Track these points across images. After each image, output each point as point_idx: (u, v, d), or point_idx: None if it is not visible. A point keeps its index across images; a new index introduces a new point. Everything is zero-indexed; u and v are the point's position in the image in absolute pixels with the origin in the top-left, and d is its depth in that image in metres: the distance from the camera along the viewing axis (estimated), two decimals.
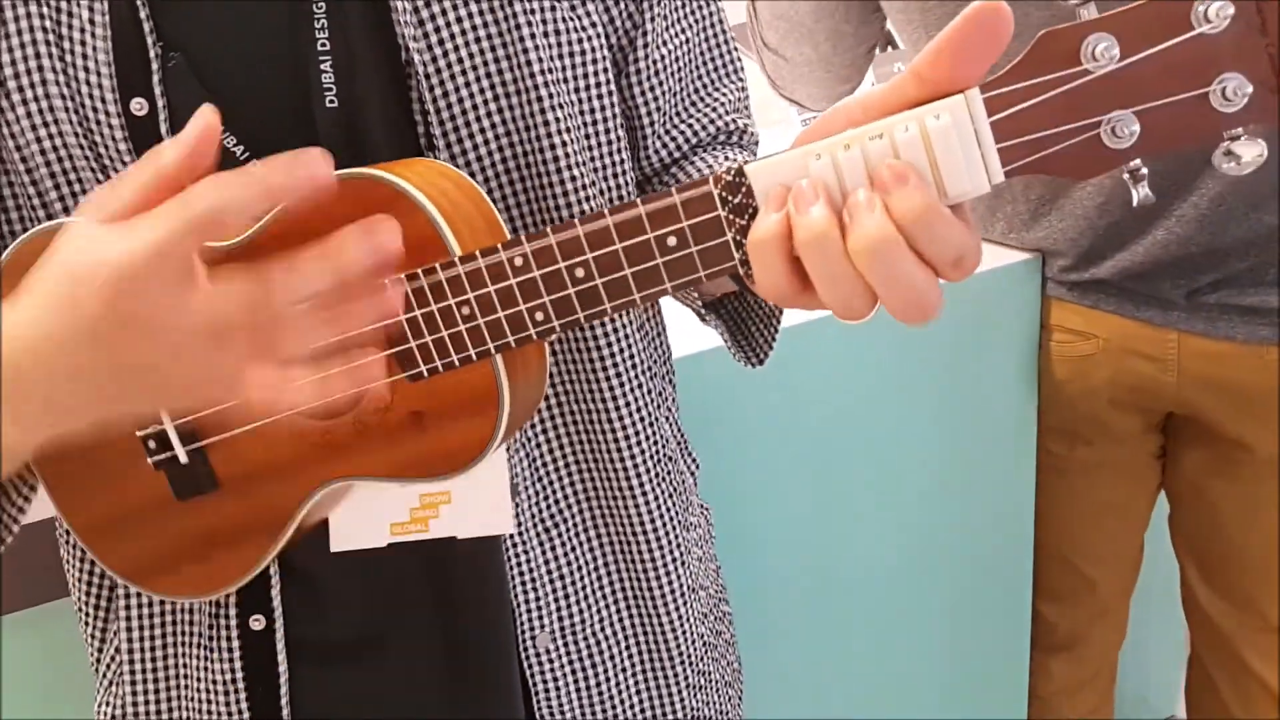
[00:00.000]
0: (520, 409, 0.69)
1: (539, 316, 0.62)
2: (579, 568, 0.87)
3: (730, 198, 0.56)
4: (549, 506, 0.85)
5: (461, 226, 0.65)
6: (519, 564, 0.84)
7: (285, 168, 0.53)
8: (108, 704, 0.87)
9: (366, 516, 0.80)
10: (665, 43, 0.83)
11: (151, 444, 0.71)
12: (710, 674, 0.95)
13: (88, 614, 0.86)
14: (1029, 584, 1.74)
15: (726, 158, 0.86)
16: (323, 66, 0.73)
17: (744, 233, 0.57)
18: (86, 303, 0.54)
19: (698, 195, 0.57)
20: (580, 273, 0.60)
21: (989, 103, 0.51)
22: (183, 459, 0.71)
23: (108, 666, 0.87)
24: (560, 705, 0.87)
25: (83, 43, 0.72)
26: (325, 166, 0.54)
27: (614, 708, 0.89)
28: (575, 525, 0.86)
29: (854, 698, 1.68)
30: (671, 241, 0.58)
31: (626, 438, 0.84)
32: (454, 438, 0.68)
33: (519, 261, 0.61)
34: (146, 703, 0.85)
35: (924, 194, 0.52)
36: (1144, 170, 0.52)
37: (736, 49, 0.90)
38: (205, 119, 0.56)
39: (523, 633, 0.85)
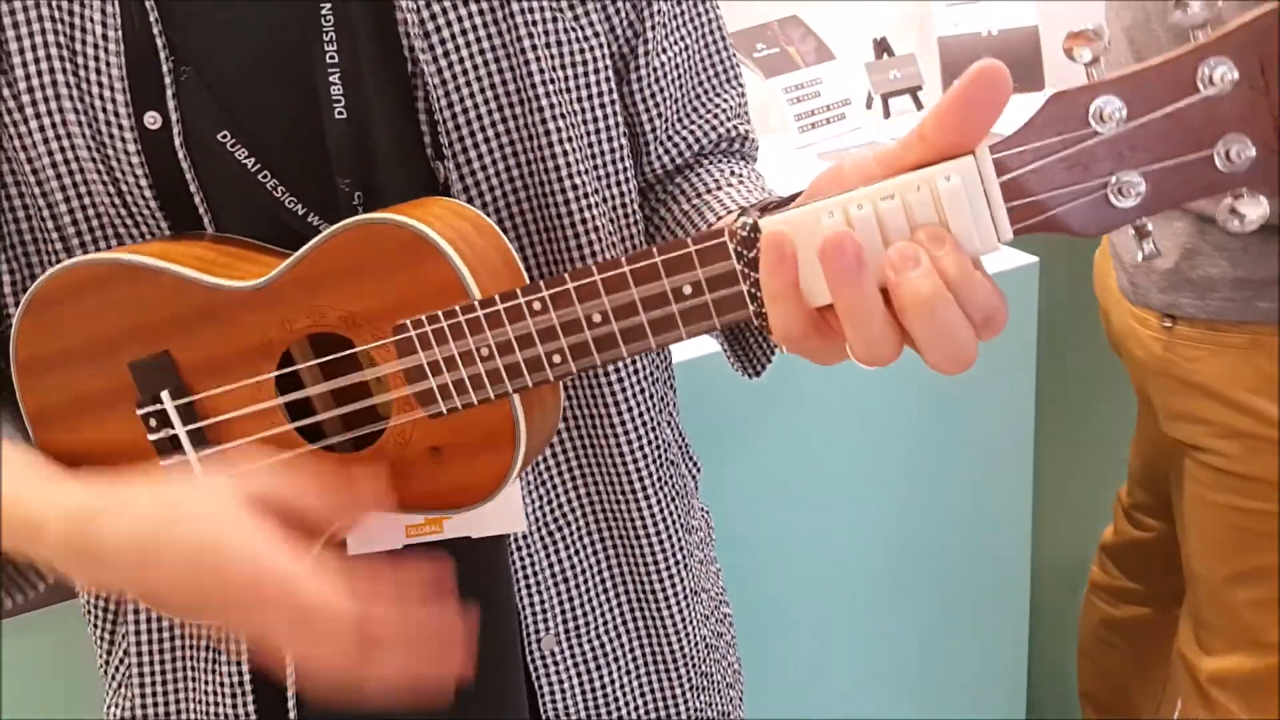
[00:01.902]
0: (536, 444, 0.71)
1: (556, 359, 0.64)
2: (582, 571, 0.88)
3: (745, 252, 0.57)
4: (553, 510, 0.86)
5: (480, 269, 0.66)
6: (524, 567, 0.85)
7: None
8: (117, 705, 0.88)
9: (383, 520, 0.80)
10: (666, 49, 0.84)
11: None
12: (712, 675, 0.96)
13: (96, 616, 0.87)
14: (1027, 586, 1.76)
15: (733, 171, 0.87)
16: (331, 78, 0.74)
17: (759, 285, 0.58)
18: (204, 583, 0.63)
19: (713, 245, 0.58)
20: (597, 318, 0.62)
21: (998, 163, 0.52)
22: None
23: (116, 668, 0.88)
24: (565, 707, 0.88)
25: (96, 58, 0.72)
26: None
27: (618, 709, 0.91)
28: (579, 529, 0.87)
29: (854, 698, 1.69)
30: (687, 290, 0.59)
31: (629, 442, 0.85)
32: (471, 473, 0.69)
33: (537, 305, 0.62)
34: (155, 704, 0.86)
35: (961, 255, 0.53)
36: (1149, 227, 0.54)
37: (735, 55, 0.91)
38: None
39: (528, 635, 0.86)
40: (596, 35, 0.80)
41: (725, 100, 0.89)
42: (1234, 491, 1.47)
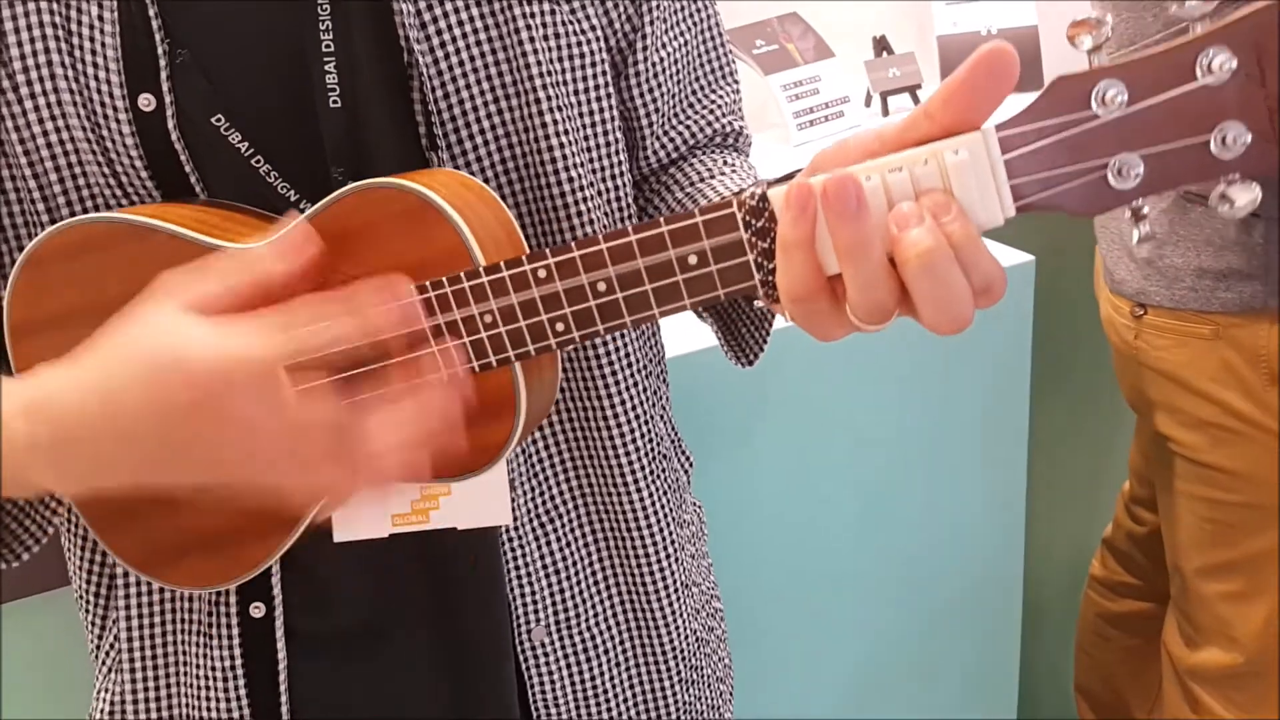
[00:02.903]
0: (535, 413, 0.71)
1: (559, 327, 0.64)
2: (574, 563, 0.88)
3: (754, 221, 0.59)
4: (544, 502, 0.86)
5: (485, 237, 0.67)
6: (515, 558, 0.85)
7: (376, 296, 0.61)
8: (106, 690, 0.88)
9: (368, 507, 0.81)
10: (664, 45, 0.84)
11: None
12: (703, 669, 0.96)
13: (88, 601, 0.87)
14: (1021, 582, 1.77)
15: (725, 161, 0.88)
16: (326, 67, 0.74)
17: (765, 255, 0.59)
18: (169, 388, 0.58)
19: (720, 216, 0.59)
20: (602, 286, 0.63)
21: (1003, 141, 0.54)
22: None
23: (106, 654, 0.87)
24: (555, 698, 0.88)
25: (91, 39, 0.72)
26: (409, 292, 0.61)
27: (608, 701, 0.91)
28: (570, 521, 0.88)
29: (846, 693, 1.69)
30: (693, 260, 0.60)
31: (622, 435, 0.85)
32: (470, 440, 0.69)
33: (542, 273, 0.63)
34: (145, 689, 0.86)
35: (966, 221, 0.55)
36: (1145, 209, 0.55)
37: (731, 53, 0.92)
38: (306, 237, 0.61)
39: (518, 626, 0.86)
40: (594, 29, 0.80)
41: (721, 97, 0.90)
42: (1203, 482, 1.50)
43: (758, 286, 0.60)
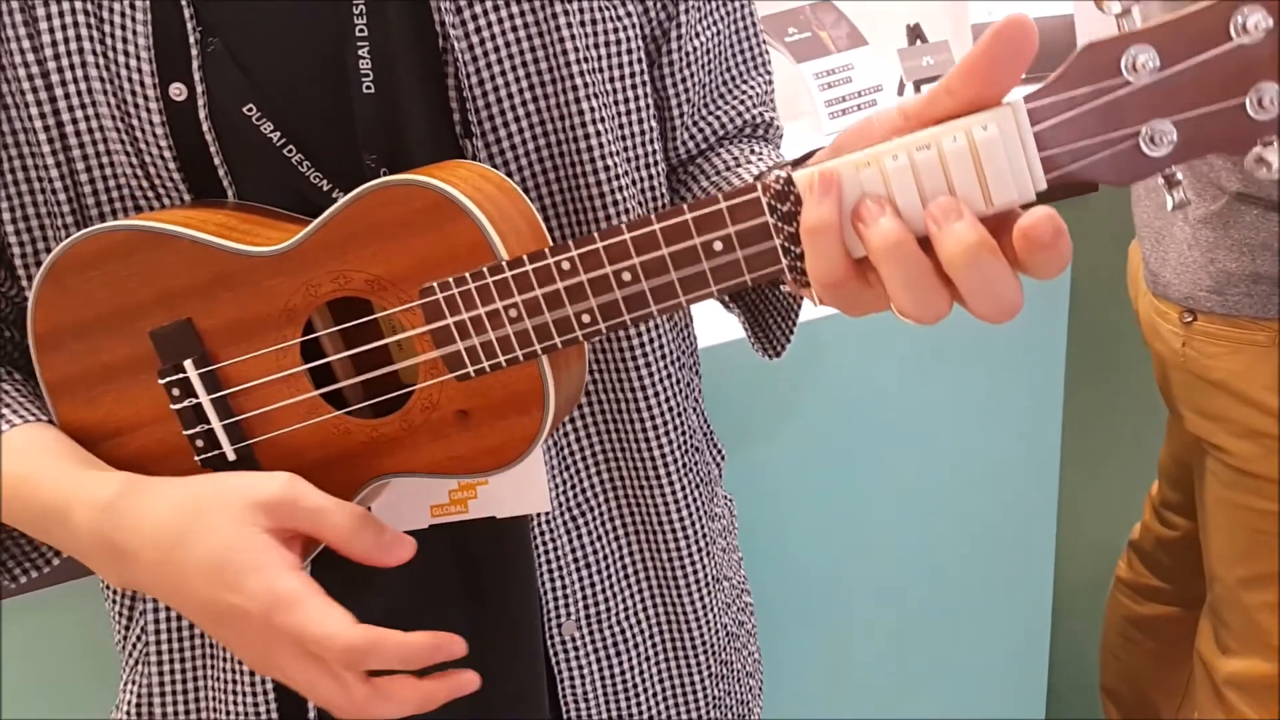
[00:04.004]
0: (563, 406, 0.71)
1: (585, 319, 0.64)
2: (604, 556, 0.88)
3: (779, 205, 0.57)
4: (576, 495, 0.86)
5: (507, 230, 0.66)
6: (546, 551, 0.85)
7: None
8: (133, 683, 0.88)
9: (408, 499, 0.81)
10: (698, 34, 0.84)
11: (199, 442, 0.72)
12: (732, 664, 0.96)
13: (115, 592, 0.87)
14: (1051, 581, 1.75)
15: (753, 150, 0.87)
16: (360, 53, 0.74)
17: (792, 239, 0.58)
18: (225, 590, 0.65)
19: (745, 201, 0.58)
20: (627, 276, 0.62)
21: (1032, 113, 0.52)
22: (230, 456, 0.72)
23: (134, 645, 0.87)
24: (584, 692, 0.88)
25: (123, 26, 0.72)
26: (460, 650, 0.66)
27: (637, 695, 0.90)
28: (602, 514, 0.87)
29: (874, 690, 1.69)
30: (718, 246, 0.59)
31: (655, 427, 0.84)
32: (499, 435, 0.69)
33: (566, 266, 0.63)
34: (173, 683, 0.86)
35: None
36: (1179, 176, 0.53)
37: (765, 42, 0.91)
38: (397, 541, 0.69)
39: (548, 620, 0.86)
40: (630, 15, 0.79)
41: (752, 87, 0.89)
42: (1251, 492, 1.45)
43: (785, 271, 0.59)
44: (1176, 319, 1.45)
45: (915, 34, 2.09)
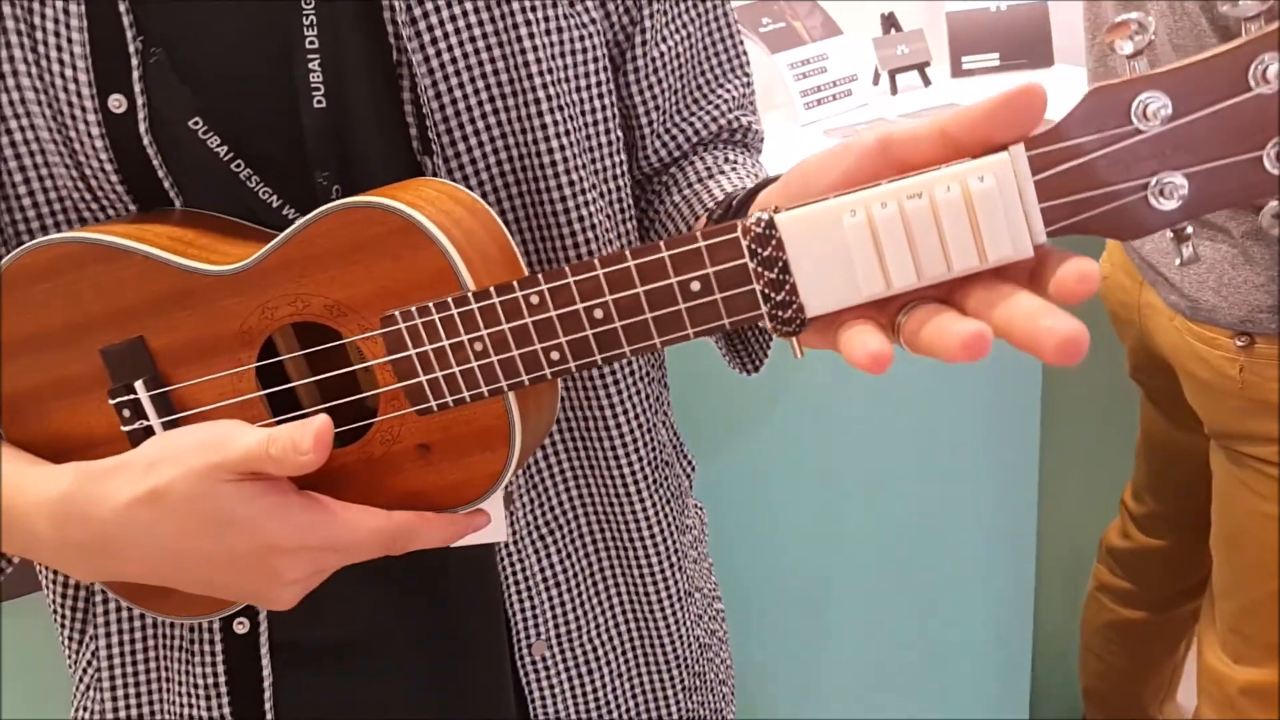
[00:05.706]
0: (530, 443, 0.68)
1: (554, 356, 0.60)
2: (575, 575, 0.86)
3: (759, 250, 0.54)
4: (545, 514, 0.84)
5: (474, 257, 0.63)
6: (514, 572, 0.83)
7: None
8: (85, 709, 0.85)
9: None
10: (665, 39, 0.81)
11: None
12: (705, 675, 0.95)
13: (64, 616, 0.84)
14: (1032, 585, 1.75)
15: (728, 159, 0.84)
16: (311, 65, 0.70)
17: (772, 286, 0.54)
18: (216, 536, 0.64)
19: (724, 241, 0.55)
20: (599, 314, 0.58)
21: (1033, 161, 0.49)
22: None
23: (84, 670, 0.85)
24: (556, 712, 0.87)
25: (56, 34, 0.68)
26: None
27: (610, 713, 0.89)
28: (571, 533, 0.85)
29: (853, 694, 1.68)
30: (695, 287, 0.56)
31: (624, 445, 0.82)
32: (461, 472, 0.66)
33: (535, 300, 0.59)
34: (127, 707, 0.83)
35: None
36: (1189, 230, 0.50)
37: (742, 41, 0.87)
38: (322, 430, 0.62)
39: (518, 640, 0.85)
40: (593, 22, 0.76)
41: (728, 91, 0.86)
42: None
43: (765, 319, 0.55)
44: (1229, 344, 1.41)
45: (890, 23, 2.07)
